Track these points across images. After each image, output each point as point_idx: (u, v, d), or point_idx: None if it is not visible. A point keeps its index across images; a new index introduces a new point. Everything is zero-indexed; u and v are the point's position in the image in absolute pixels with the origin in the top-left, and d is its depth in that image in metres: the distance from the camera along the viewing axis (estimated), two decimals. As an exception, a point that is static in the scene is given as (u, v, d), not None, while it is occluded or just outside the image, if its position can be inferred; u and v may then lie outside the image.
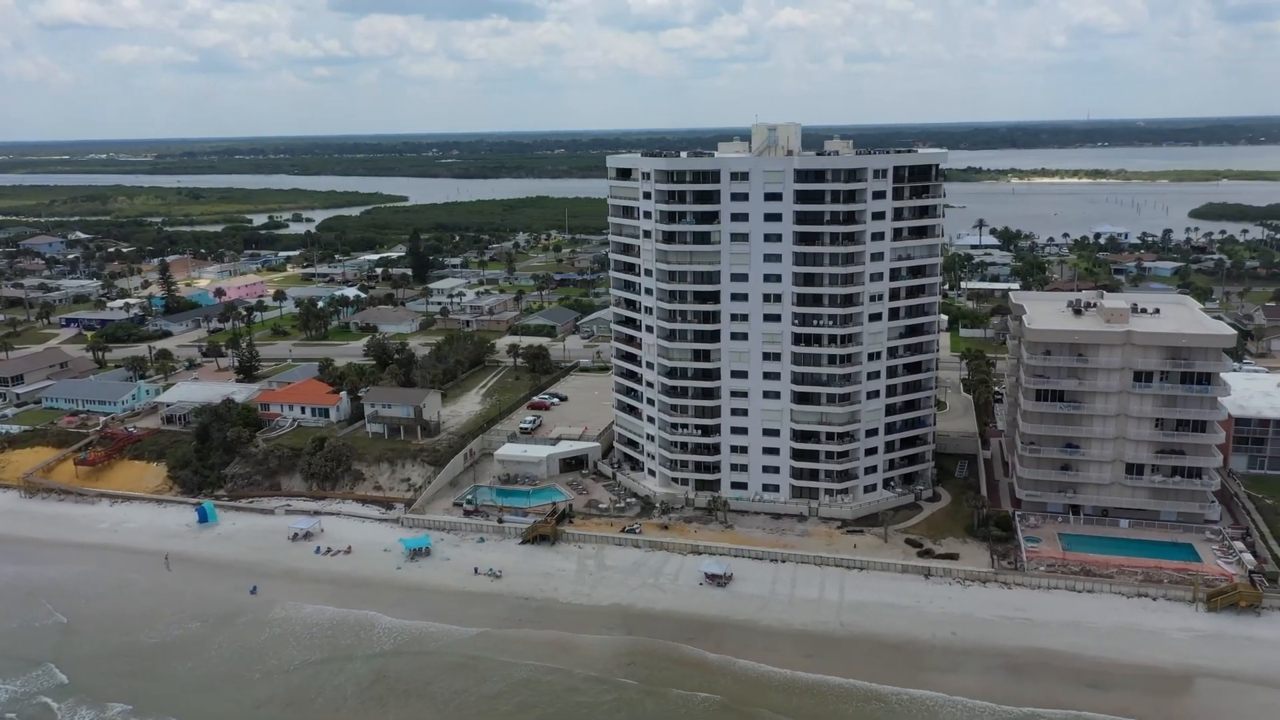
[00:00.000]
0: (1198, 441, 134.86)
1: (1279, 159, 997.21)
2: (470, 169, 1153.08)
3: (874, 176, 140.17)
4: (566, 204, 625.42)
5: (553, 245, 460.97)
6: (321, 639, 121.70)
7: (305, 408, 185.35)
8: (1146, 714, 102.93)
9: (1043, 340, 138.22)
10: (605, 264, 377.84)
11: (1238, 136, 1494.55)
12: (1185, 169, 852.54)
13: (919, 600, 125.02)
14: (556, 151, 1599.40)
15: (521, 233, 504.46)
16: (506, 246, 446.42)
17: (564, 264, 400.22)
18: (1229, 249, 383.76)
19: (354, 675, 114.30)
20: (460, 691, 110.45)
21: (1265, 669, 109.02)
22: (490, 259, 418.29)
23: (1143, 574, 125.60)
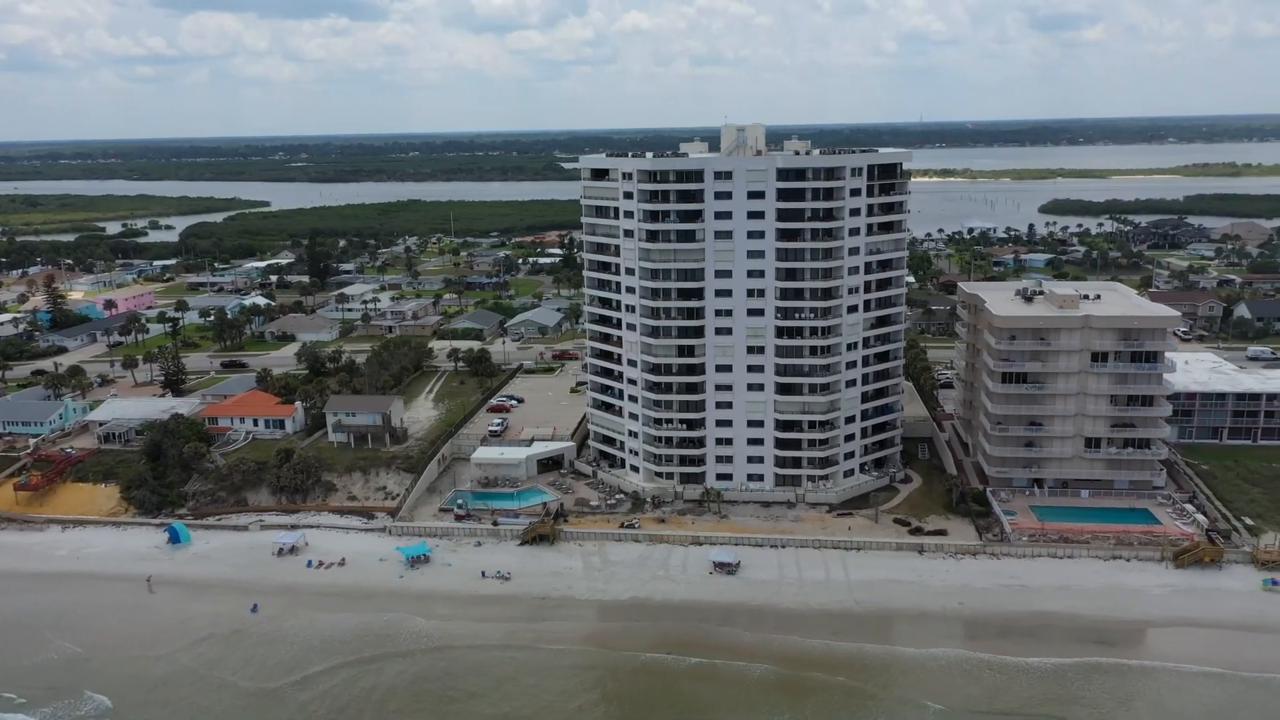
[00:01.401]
0: (1147, 415, 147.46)
1: (1102, 158, 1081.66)
2: (328, 173, 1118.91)
3: (850, 175, 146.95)
4: (451, 207, 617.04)
5: (443, 249, 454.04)
6: (347, 646, 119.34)
7: (258, 419, 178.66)
8: (1151, 660, 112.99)
9: (1008, 326, 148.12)
10: (508, 267, 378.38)
11: (1059, 137, 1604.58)
12: (1024, 168, 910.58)
13: (920, 575, 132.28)
14: (411, 154, 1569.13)
15: (407, 237, 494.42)
16: (398, 251, 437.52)
17: (462, 267, 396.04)
18: (1089, 241, 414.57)
19: (395, 676, 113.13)
20: (508, 680, 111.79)
21: (1239, 615, 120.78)
22: (384, 264, 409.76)
23: (1114, 539, 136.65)
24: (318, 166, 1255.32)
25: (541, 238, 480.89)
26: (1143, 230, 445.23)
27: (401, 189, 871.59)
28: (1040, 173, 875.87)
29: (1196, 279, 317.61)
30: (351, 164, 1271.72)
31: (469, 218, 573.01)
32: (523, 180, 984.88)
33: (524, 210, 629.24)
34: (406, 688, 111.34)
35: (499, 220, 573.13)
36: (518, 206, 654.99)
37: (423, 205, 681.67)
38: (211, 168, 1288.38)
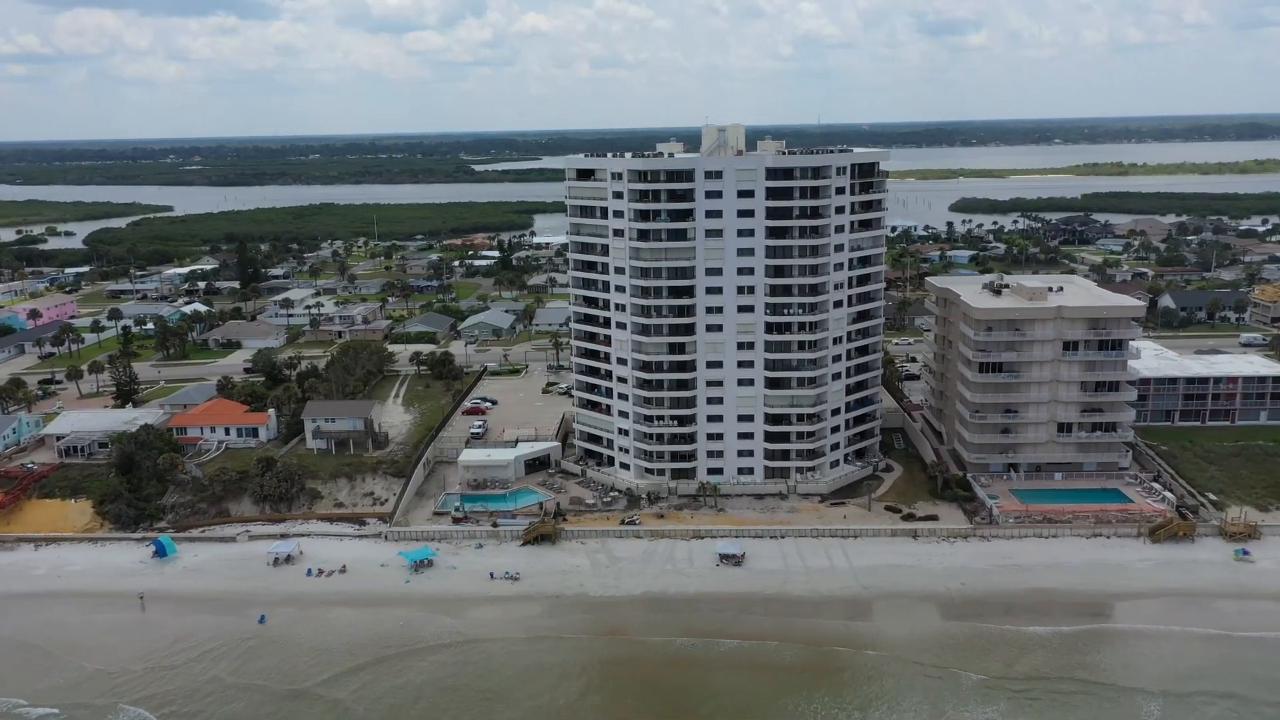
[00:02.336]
0: (1114, 399, 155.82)
1: (997, 158, 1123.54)
2: (228, 176, 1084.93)
3: (836, 174, 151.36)
4: (368, 210, 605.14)
5: (372, 253, 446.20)
6: (369, 647, 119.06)
7: (230, 428, 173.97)
8: (1146, 625, 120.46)
9: (986, 319, 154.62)
10: (441, 270, 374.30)
11: (953, 139, 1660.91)
12: (927, 168, 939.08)
13: (918, 559, 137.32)
14: (311, 157, 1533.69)
15: (331, 241, 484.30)
16: (325, 255, 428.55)
17: (395, 271, 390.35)
18: (1005, 238, 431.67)
19: (426, 671, 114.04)
20: (542, 671, 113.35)
21: (1217, 584, 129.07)
22: (311, 268, 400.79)
23: (1094, 518, 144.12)
24: (215, 170, 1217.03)
25: (470, 240, 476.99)
26: (1053, 227, 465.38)
27: (309, 192, 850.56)
28: (944, 173, 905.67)
29: (1112, 273, 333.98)
30: (251, 167, 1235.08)
31: (389, 221, 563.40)
32: (434, 183, 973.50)
33: (444, 213, 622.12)
34: (441, 681, 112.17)
35: (421, 223, 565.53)
36: (437, 209, 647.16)
37: (337, 209, 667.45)
38: (100, 171, 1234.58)
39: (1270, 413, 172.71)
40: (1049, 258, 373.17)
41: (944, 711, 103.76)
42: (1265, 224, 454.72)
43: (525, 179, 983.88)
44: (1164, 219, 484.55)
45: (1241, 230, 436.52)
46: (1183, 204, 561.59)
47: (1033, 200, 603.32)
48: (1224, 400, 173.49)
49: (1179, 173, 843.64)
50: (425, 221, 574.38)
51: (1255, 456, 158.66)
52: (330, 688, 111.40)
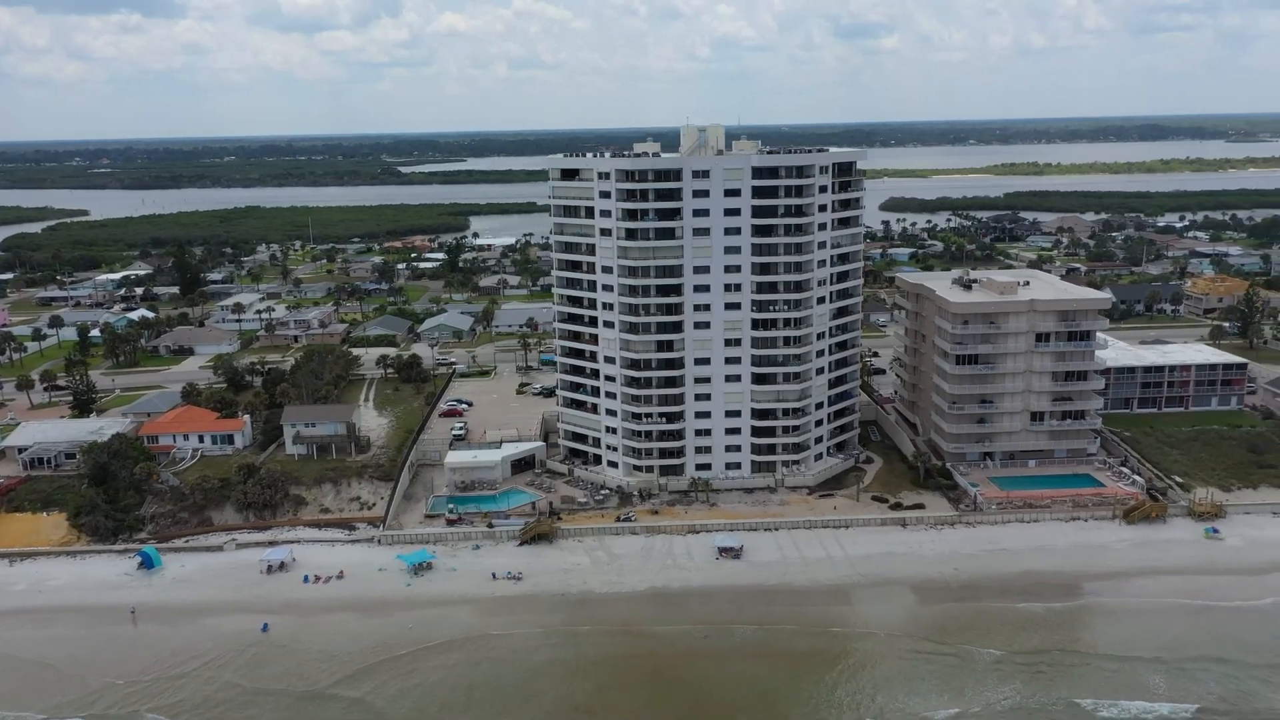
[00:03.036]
0: (1082, 388, 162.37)
1: (916, 159, 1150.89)
2: (143, 179, 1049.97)
3: (819, 173, 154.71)
4: (298, 213, 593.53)
5: (313, 256, 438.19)
6: (383, 647, 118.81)
7: (204, 435, 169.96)
8: (1134, 598, 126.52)
9: (963, 312, 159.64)
10: (386, 272, 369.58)
11: (871, 140, 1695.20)
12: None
13: (910, 546, 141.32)
14: (226, 159, 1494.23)
15: (268, 244, 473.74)
16: (262, 259, 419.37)
17: (337, 274, 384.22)
18: (940, 235, 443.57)
19: (445, 668, 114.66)
20: (558, 665, 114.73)
21: (1192, 561, 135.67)
22: (249, 272, 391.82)
23: (1070, 502, 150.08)
24: (127, 173, 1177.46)
25: (409, 242, 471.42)
26: (984, 225, 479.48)
27: (231, 195, 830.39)
28: (870, 173, 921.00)
29: (1047, 269, 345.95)
30: (166, 170, 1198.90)
31: (322, 224, 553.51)
32: (359, 185, 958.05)
33: (376, 215, 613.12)
34: (459, 678, 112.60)
35: (354, 226, 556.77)
36: (369, 211, 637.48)
37: (264, 212, 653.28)
38: (2, 174, 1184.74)
39: (1220, 398, 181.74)
40: (985, 254, 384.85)
41: (963, 690, 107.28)
42: (1182, 220, 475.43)
43: (453, 181, 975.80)
44: (1085, 216, 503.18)
45: (1160, 227, 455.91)
46: (1100, 202, 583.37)
47: (958, 199, 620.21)
48: (1178, 388, 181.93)
49: (1091, 172, 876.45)
50: (359, 224, 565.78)
51: (1212, 440, 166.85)
52: (347, 687, 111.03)
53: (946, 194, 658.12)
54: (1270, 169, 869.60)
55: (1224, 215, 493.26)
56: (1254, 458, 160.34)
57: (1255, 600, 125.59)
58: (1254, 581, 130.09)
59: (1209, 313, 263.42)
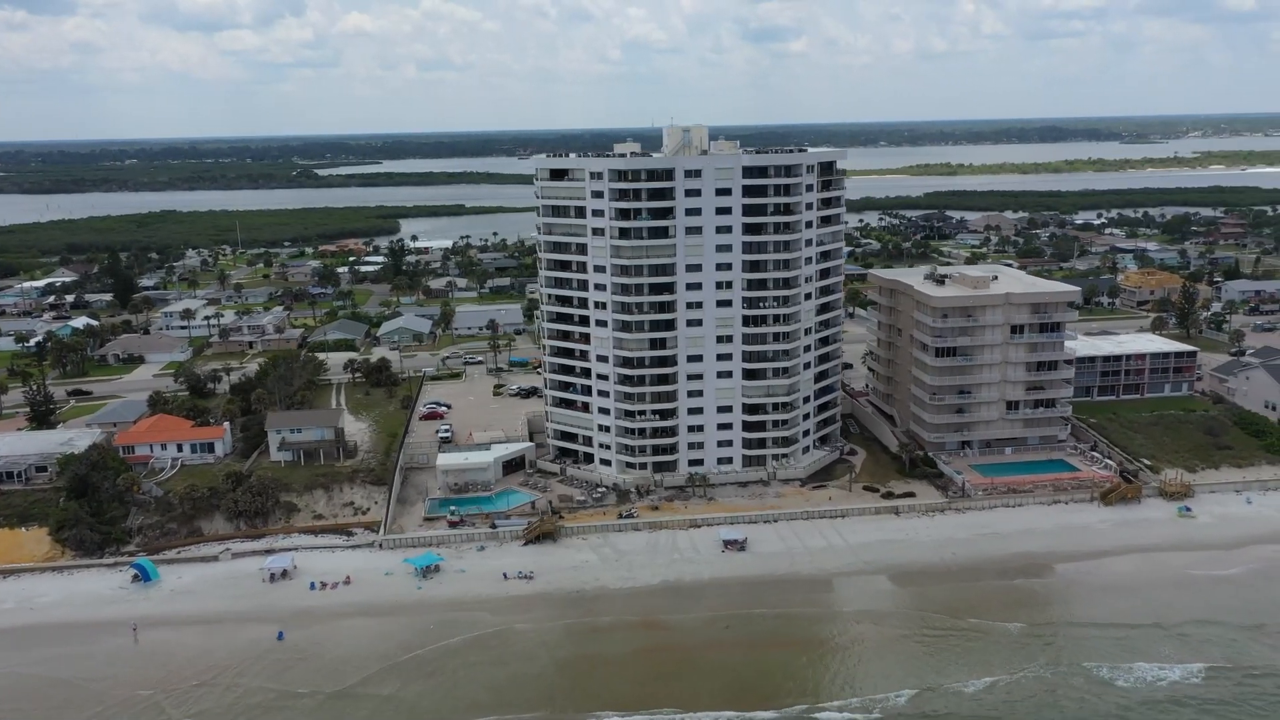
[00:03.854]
0: (1054, 378, 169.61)
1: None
2: (42, 183, 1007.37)
3: (806, 172, 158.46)
4: (216, 218, 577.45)
5: (247, 260, 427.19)
6: (406, 645, 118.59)
7: (182, 444, 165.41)
8: (1124, 572, 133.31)
9: (943, 306, 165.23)
10: (327, 277, 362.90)
11: (784, 141, 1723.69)
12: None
13: (906, 534, 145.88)
14: (128, 162, 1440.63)
15: (199, 250, 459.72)
16: (192, 264, 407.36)
17: (275, 279, 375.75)
18: (875, 234, 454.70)
19: (476, 662, 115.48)
20: (589, 658, 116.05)
21: (1169, 538, 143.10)
22: (180, 278, 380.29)
23: (1051, 486, 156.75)
24: (23, 177, 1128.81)
25: (344, 245, 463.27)
26: (913, 224, 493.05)
27: (141, 199, 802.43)
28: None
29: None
30: (65, 173, 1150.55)
31: (248, 228, 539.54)
32: (276, 188, 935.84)
33: (301, 219, 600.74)
34: (490, 673, 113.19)
35: (281, 230, 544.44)
36: (293, 215, 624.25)
37: (181, 216, 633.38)
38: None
39: (1173, 385, 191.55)
40: (919, 253, 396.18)
41: (990, 662, 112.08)
42: (1100, 217, 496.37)
43: (373, 183, 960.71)
44: (1008, 215, 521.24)
45: (1079, 224, 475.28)
46: (1016, 201, 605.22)
47: (883, 199, 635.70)
48: (1134, 375, 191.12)
49: (1001, 172, 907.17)
50: (285, 228, 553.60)
51: (1171, 424, 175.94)
52: (376, 686, 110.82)
53: (869, 194, 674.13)
54: (1166, 169, 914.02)
55: (1135, 213, 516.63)
56: (1211, 440, 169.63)
57: (1231, 569, 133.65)
58: (1228, 555, 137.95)
59: (1142, 305, 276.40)
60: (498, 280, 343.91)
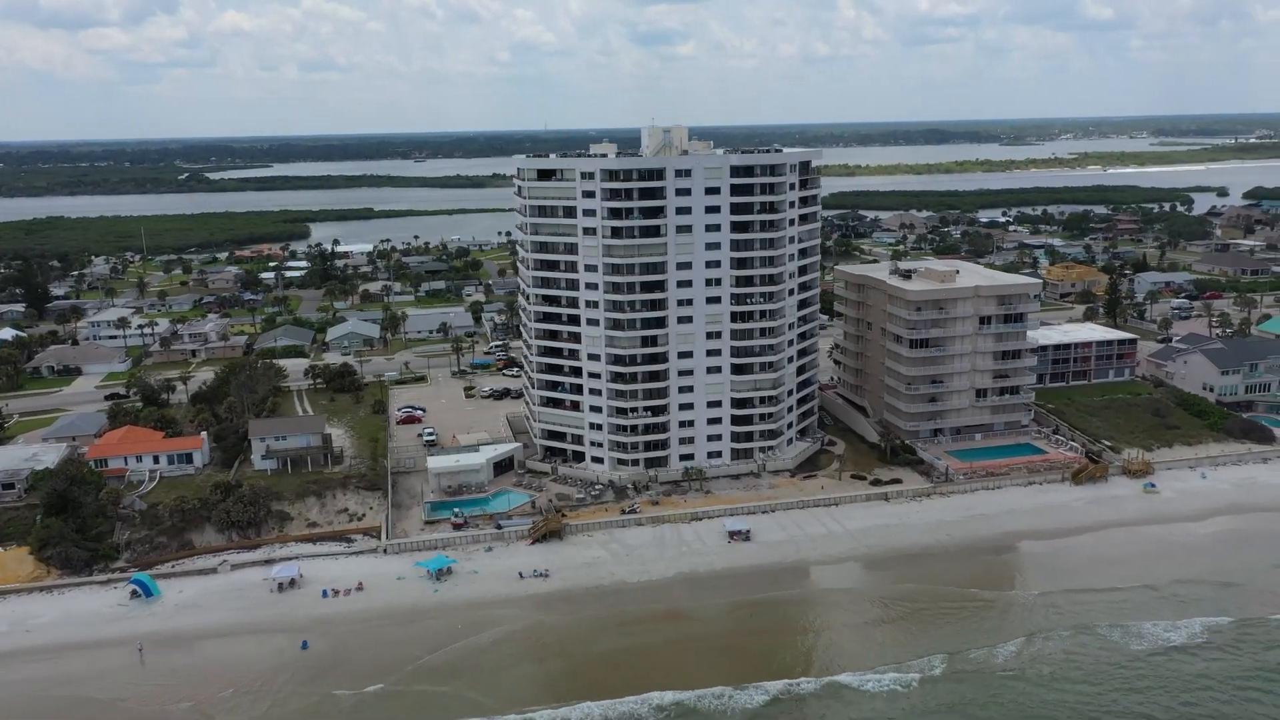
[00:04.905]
0: (1018, 366, 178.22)
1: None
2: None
3: (789, 171, 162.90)
4: (109, 224, 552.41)
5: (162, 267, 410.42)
6: (438, 640, 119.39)
7: (159, 456, 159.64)
8: (1109, 545, 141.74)
9: (917, 300, 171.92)
10: (251, 283, 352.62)
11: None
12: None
13: (899, 518, 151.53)
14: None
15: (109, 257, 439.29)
16: (100, 271, 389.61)
17: (193, 285, 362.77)
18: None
19: (518, 646, 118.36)
20: (632, 650, 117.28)
21: (1139, 513, 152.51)
22: (90, 286, 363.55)
23: (1025, 469, 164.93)
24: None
25: (260, 250, 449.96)
26: (830, 223, 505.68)
27: (20, 205, 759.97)
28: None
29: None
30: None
31: (149, 234, 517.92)
32: (164, 193, 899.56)
33: (204, 224, 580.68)
34: (532, 663, 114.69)
35: (184, 235, 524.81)
36: (195, 220, 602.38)
37: (71, 222, 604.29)
38: None
39: (1116, 370, 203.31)
40: (842, 250, 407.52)
41: (1009, 629, 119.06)
42: (1005, 215, 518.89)
43: (270, 187, 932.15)
44: (919, 214, 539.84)
45: (985, 222, 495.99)
46: (919, 201, 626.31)
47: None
48: (1080, 363, 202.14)
49: (896, 173, 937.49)
50: (189, 234, 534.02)
51: (1121, 407, 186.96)
52: (413, 683, 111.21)
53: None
54: (1048, 169, 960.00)
55: (1035, 210, 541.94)
56: (1159, 421, 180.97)
57: (1200, 538, 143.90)
58: (1196, 525, 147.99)
59: (1064, 297, 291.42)
60: (433, 284, 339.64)
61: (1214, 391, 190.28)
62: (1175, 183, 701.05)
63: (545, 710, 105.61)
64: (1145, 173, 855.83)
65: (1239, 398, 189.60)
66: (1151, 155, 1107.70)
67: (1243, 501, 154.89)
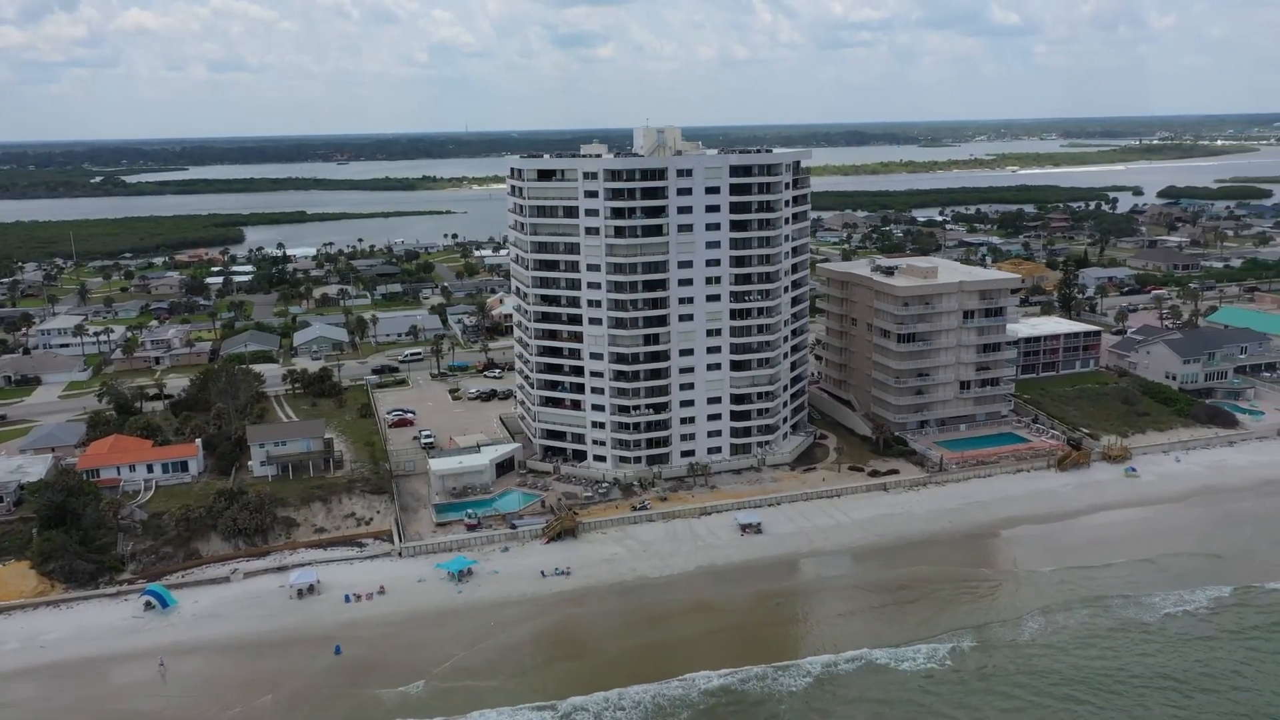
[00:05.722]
0: (999, 358, 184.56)
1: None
2: None
3: (784, 171, 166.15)
4: (68, 228, 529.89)
5: (99, 274, 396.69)
6: (472, 635, 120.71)
7: (152, 465, 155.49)
8: (1100, 526, 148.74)
9: (905, 295, 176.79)
10: (196, 288, 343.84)
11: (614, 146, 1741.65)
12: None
13: (901, 507, 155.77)
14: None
15: (38, 264, 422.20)
16: (31, 278, 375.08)
17: (136, 291, 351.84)
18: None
19: (554, 637, 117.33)
20: (669, 644, 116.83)
21: (1123, 496, 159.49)
22: (24, 294, 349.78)
23: (1013, 457, 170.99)
24: None
25: (198, 255, 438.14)
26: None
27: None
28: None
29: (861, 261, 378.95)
30: None
31: (77, 239, 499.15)
32: (78, 197, 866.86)
33: (132, 229, 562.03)
34: (572, 660, 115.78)
35: (113, 241, 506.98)
36: (122, 225, 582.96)
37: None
38: None
39: (1082, 361, 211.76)
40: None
41: (1025, 605, 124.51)
42: (942, 214, 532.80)
43: (191, 190, 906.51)
44: (856, 214, 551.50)
45: (924, 221, 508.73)
46: (854, 201, 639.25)
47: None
48: (1049, 355, 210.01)
49: (825, 174, 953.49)
50: (117, 239, 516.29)
51: (1092, 396, 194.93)
52: (456, 679, 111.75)
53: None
54: (970, 169, 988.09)
55: (968, 209, 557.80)
56: (1129, 408, 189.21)
57: (1184, 518, 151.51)
58: (1178, 506, 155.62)
59: (1015, 292, 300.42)
60: (388, 287, 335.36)
61: (1176, 380, 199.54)
62: (1093, 182, 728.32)
63: (598, 694, 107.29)
64: (1063, 173, 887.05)
65: (1200, 385, 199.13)
66: (1066, 156, 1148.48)
67: (1217, 483, 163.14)
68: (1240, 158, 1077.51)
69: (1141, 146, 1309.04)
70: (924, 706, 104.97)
